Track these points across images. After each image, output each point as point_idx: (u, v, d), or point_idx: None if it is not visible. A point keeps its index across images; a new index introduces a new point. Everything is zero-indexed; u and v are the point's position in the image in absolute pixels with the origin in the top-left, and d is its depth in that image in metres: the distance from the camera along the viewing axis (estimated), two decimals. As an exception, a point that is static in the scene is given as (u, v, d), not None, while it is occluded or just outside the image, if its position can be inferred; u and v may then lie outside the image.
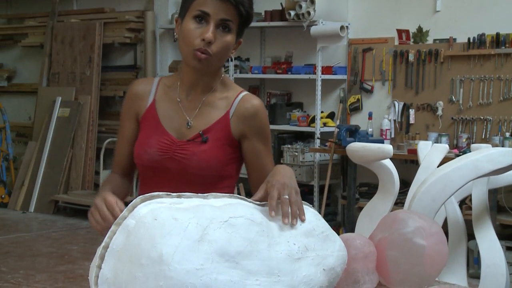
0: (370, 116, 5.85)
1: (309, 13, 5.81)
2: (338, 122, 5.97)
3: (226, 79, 1.88)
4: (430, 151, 3.26)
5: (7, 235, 6.12)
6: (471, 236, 3.22)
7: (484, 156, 2.73)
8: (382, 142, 5.37)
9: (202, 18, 1.74)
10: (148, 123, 1.85)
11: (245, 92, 1.86)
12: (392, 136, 5.78)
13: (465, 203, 4.52)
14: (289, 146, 6.07)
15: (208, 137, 1.81)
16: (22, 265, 5.10)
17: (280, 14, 6.13)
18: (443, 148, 3.31)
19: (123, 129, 1.90)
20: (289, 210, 1.52)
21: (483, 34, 5.32)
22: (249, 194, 6.80)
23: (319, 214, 1.65)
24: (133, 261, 1.37)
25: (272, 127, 6.21)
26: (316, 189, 5.91)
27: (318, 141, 5.92)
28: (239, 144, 1.85)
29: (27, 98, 8.19)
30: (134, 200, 1.45)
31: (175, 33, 1.83)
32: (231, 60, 6.42)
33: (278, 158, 6.15)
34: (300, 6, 5.85)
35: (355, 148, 3.48)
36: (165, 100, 1.85)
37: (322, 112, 6.05)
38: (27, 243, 5.80)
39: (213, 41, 1.73)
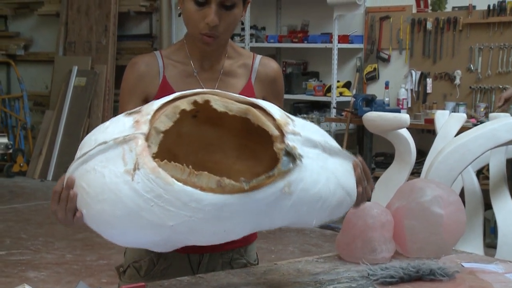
0: (386, 85, 5.81)
1: (326, -20, 5.75)
2: (354, 92, 5.94)
3: (232, 43, 1.79)
4: (447, 121, 3.24)
5: (26, 203, 6.19)
6: (488, 205, 3.22)
7: (503, 125, 2.71)
8: (398, 111, 5.33)
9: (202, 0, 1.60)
10: None
11: (260, 56, 1.79)
12: (409, 105, 5.74)
13: (482, 173, 4.50)
14: (305, 115, 6.05)
15: None
16: (42, 232, 5.19)
17: (296, -18, 6.08)
18: (460, 117, 3.29)
19: (125, 109, 1.58)
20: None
21: (503, 1, 5.23)
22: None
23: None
24: None
25: (288, 96, 6.18)
26: (332, 159, 5.90)
27: (334, 111, 5.90)
28: None
29: (44, 67, 8.21)
30: None
31: (179, 7, 1.70)
32: (243, 29, 6.38)
33: (294, 127, 6.13)
34: (317, -26, 5.78)
35: (372, 117, 3.47)
36: (178, 75, 1.71)
37: (338, 81, 6.01)
38: (46, 211, 5.88)
39: (218, 22, 1.61)
